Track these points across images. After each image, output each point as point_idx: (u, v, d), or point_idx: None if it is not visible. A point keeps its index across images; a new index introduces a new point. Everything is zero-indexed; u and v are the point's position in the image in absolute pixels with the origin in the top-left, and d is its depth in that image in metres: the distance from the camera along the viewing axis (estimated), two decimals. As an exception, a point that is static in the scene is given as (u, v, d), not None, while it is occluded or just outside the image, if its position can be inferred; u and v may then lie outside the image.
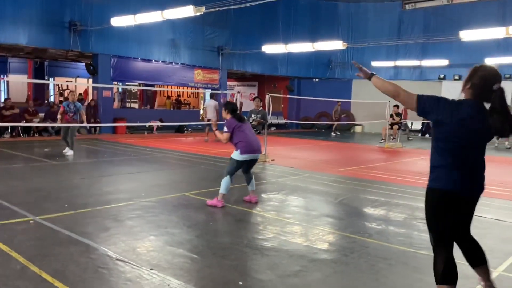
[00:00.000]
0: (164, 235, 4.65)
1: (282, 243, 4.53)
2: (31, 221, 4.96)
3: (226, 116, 6.23)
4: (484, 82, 2.81)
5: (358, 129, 24.51)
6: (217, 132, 6.31)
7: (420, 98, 2.86)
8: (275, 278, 3.64)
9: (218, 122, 7.06)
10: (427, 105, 2.84)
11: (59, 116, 10.77)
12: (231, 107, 6.28)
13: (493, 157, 12.42)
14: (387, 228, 5.28)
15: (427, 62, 21.73)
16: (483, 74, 2.85)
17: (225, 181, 5.94)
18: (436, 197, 2.90)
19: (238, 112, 6.36)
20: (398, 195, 7.06)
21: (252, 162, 6.20)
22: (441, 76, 22.38)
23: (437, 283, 2.88)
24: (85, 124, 11.55)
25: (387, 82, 3.02)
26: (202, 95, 27.39)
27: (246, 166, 6.19)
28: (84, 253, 4.01)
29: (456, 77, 21.99)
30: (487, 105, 2.85)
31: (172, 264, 3.84)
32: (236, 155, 6.00)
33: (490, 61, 19.71)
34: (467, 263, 3.25)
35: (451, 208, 2.87)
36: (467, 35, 14.17)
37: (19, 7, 14.47)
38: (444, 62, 21.18)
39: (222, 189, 5.93)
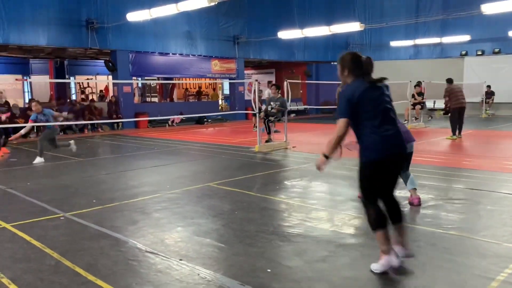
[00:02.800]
0: (191, 226, 4.71)
1: (308, 229, 4.53)
2: (61, 217, 5.09)
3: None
4: (356, 62, 3.41)
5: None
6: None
7: (342, 114, 3.33)
8: (303, 264, 3.65)
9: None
10: (349, 109, 3.31)
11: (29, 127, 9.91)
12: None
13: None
14: (414, 209, 5.21)
15: (448, 39, 21.17)
16: (350, 57, 3.44)
17: (406, 177, 5.34)
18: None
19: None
20: (423, 176, 6.96)
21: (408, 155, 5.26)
22: (463, 53, 21.82)
23: (374, 229, 3.41)
24: (59, 123, 10.57)
25: (332, 141, 3.39)
26: (220, 85, 27.44)
27: None
28: (114, 247, 4.10)
29: (479, 53, 21.40)
30: None
31: (201, 254, 3.89)
32: None
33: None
34: (498, 243, 3.20)
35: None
36: (489, 8, 13.70)
37: (37, 9, 14.70)
38: (465, 37, 20.59)
39: (409, 185, 5.38)
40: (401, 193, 5.96)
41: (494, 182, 6.62)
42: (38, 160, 9.28)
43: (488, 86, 20.48)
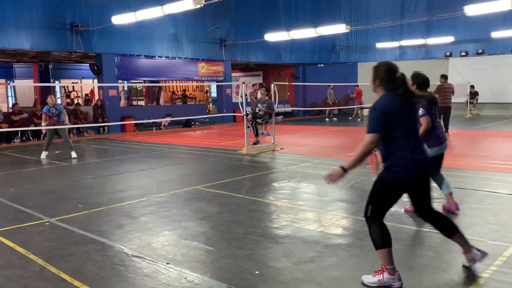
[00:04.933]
0: (178, 229, 4.68)
1: (296, 230, 4.53)
2: (46, 223, 5.02)
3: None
4: (389, 73, 3.20)
5: (365, 112, 24.30)
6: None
7: (374, 130, 3.10)
8: (291, 265, 3.65)
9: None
10: (382, 124, 3.10)
11: (43, 123, 10.51)
12: (421, 80, 4.84)
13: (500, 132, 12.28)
14: (401, 209, 5.25)
15: (432, 40, 21.42)
16: (385, 68, 3.23)
17: (440, 180, 5.07)
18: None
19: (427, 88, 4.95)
20: (410, 175, 7.01)
21: (441, 157, 5.04)
22: (447, 54, 22.08)
23: (377, 248, 3.20)
24: (68, 126, 11.17)
25: (356, 154, 3.13)
26: (207, 88, 27.38)
27: (436, 163, 4.95)
28: (101, 251, 4.05)
29: (463, 53, 21.68)
30: None
31: (188, 257, 3.87)
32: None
33: (497, 35, 19.42)
34: (482, 240, 3.23)
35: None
36: (472, 9, 13.91)
37: (20, 12, 14.50)
38: (449, 39, 20.86)
39: (445, 189, 5.08)
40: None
41: (478, 181, 6.70)
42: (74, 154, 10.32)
43: (472, 86, 20.77)
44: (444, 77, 12.20)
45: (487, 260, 3.57)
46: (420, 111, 4.73)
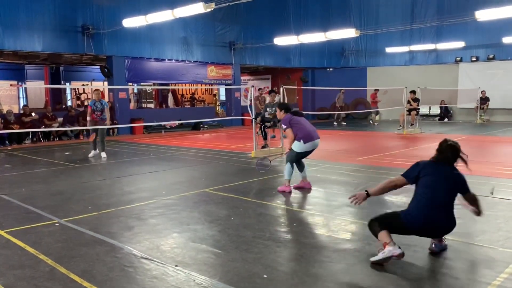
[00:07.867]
0: (187, 232, 4.70)
1: (304, 235, 4.52)
2: (56, 224, 5.06)
3: (281, 115, 6.74)
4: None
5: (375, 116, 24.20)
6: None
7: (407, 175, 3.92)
8: (300, 269, 3.64)
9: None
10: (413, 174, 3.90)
11: (88, 118, 11.01)
12: (285, 106, 6.89)
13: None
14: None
15: (442, 45, 21.30)
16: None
17: (287, 168, 6.54)
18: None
19: (291, 109, 6.93)
20: (419, 181, 6.97)
21: (312, 150, 6.65)
22: (458, 59, 21.94)
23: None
24: (110, 126, 11.96)
25: (381, 185, 3.98)
26: (216, 91, 27.47)
27: (305, 155, 6.67)
28: (110, 253, 4.08)
29: (473, 59, 21.54)
30: None
31: (196, 260, 3.88)
32: (297, 146, 6.45)
33: (508, 40, 19.28)
34: (493, 248, 3.20)
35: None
36: (483, 14, 13.82)
37: (33, 15, 14.69)
38: (460, 44, 20.74)
39: (286, 175, 6.56)
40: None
41: (489, 187, 6.63)
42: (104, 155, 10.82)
43: (483, 92, 20.63)
44: None
45: (498, 267, 3.54)
46: (283, 126, 6.58)
